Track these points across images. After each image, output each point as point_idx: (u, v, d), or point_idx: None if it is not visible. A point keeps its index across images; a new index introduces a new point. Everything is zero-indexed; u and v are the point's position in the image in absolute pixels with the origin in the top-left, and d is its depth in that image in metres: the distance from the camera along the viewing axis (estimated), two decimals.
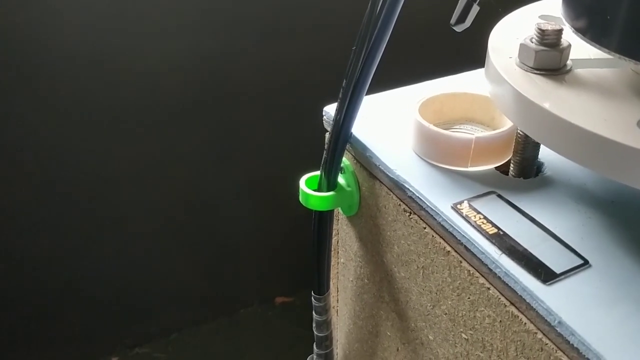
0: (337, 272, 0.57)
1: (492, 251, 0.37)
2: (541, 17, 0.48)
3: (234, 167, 1.13)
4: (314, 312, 0.57)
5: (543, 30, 0.40)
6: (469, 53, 0.66)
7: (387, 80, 0.53)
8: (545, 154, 0.45)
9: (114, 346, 1.18)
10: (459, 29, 0.44)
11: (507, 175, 0.45)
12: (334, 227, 0.54)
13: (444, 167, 0.44)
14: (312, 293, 0.56)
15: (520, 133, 0.43)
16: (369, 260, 0.51)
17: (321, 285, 0.55)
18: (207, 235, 1.17)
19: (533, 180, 0.44)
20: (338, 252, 0.56)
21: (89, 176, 1.01)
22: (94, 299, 1.11)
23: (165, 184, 1.08)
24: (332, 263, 0.56)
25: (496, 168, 0.45)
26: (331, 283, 0.56)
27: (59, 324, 1.11)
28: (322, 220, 0.51)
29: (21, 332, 1.09)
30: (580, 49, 0.42)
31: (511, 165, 0.45)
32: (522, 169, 0.44)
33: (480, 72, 0.57)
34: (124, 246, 1.10)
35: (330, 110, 0.52)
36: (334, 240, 0.56)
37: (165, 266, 1.16)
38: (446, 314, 0.42)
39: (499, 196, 0.42)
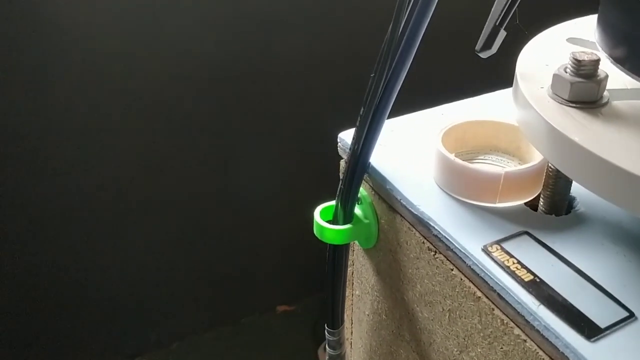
0: (352, 304, 0.55)
1: (529, 301, 0.35)
2: (569, 40, 0.45)
3: (236, 177, 1.11)
4: (327, 346, 0.54)
5: (579, 61, 0.37)
6: (490, 71, 0.64)
7: (404, 99, 0.50)
8: (576, 187, 0.42)
9: (114, 356, 1.16)
10: (484, 55, 0.42)
11: (536, 210, 0.43)
12: (349, 257, 0.51)
13: (470, 203, 0.42)
14: (326, 327, 0.53)
15: (552, 167, 0.41)
16: (388, 296, 0.48)
17: (335, 319, 0.52)
18: (208, 243, 1.15)
19: (565, 217, 0.41)
20: (353, 284, 0.53)
21: (87, 183, 0.99)
22: (94, 307, 1.10)
23: (166, 192, 1.06)
24: (347, 294, 0.54)
25: (525, 203, 0.42)
26: (345, 315, 0.54)
27: (58, 333, 1.09)
28: (338, 253, 0.49)
29: (18, 342, 1.06)
30: (615, 78, 0.39)
31: (541, 200, 0.42)
32: (553, 205, 0.42)
33: (502, 93, 0.54)
34: (124, 254, 1.08)
35: (345, 137, 0.49)
36: (348, 271, 0.53)
37: (166, 275, 1.14)
38: None
39: (531, 236, 0.39)
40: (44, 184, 0.96)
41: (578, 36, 0.46)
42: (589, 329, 0.33)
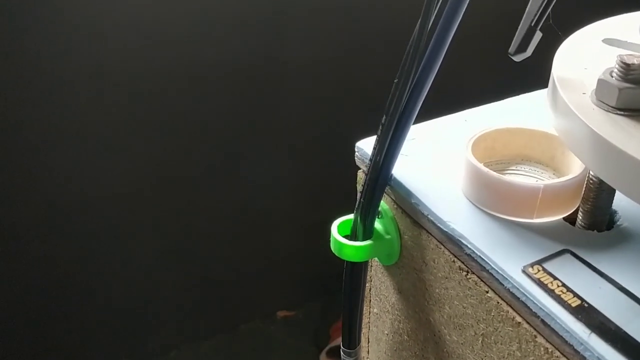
0: (369, 323, 0.51)
1: (578, 329, 0.32)
2: (605, 41, 0.42)
3: (237, 184, 1.08)
4: None
5: (628, 65, 0.34)
6: (513, 74, 0.61)
7: (426, 100, 0.47)
8: (617, 200, 0.39)
9: None
10: (518, 58, 0.39)
11: (574, 225, 0.39)
12: (367, 274, 0.48)
13: (504, 218, 0.39)
14: (342, 346, 0.50)
15: (594, 179, 0.38)
16: (411, 316, 0.45)
17: (352, 339, 0.49)
18: (206, 249, 1.12)
19: (608, 233, 0.38)
20: (370, 302, 0.50)
21: (86, 191, 0.95)
22: (90, 316, 1.06)
23: (165, 200, 1.03)
24: (364, 312, 0.51)
25: (563, 218, 0.39)
26: (362, 334, 0.51)
27: (54, 342, 1.05)
28: (356, 270, 0.45)
29: (15, 350, 1.03)
30: None
31: (580, 214, 0.39)
32: (594, 220, 0.39)
33: (527, 97, 0.51)
34: (121, 262, 1.05)
35: (364, 146, 0.46)
36: (366, 288, 0.50)
37: (163, 283, 1.11)
38: None
39: (574, 255, 0.36)
40: (42, 188, 0.93)
41: (613, 36, 0.43)
42: None
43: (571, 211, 0.39)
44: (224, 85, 0.97)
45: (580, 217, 0.39)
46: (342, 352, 0.50)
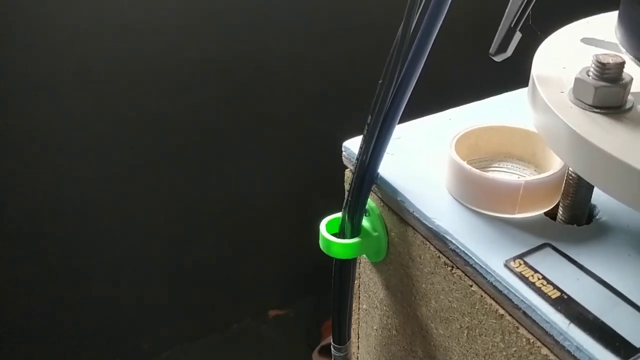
0: (358, 319, 0.52)
1: (558, 320, 0.33)
2: (584, 40, 0.43)
3: (228, 182, 1.08)
4: None
5: (603, 64, 0.35)
6: (496, 73, 0.62)
7: (410, 100, 0.48)
8: (596, 195, 0.40)
9: None
10: (498, 58, 0.40)
11: (555, 220, 0.41)
12: (356, 271, 0.49)
13: (486, 214, 0.40)
14: (332, 342, 0.51)
15: (573, 175, 0.39)
16: (399, 311, 0.46)
17: (342, 335, 0.50)
18: (196, 249, 1.13)
19: (587, 227, 0.39)
20: (359, 298, 0.51)
21: (74, 192, 0.96)
22: (82, 316, 1.07)
23: (154, 200, 1.03)
24: (353, 308, 0.52)
25: (544, 213, 0.40)
26: (351, 329, 0.52)
27: (45, 343, 1.05)
28: (345, 267, 0.46)
29: (4, 352, 1.03)
30: (638, 81, 0.37)
31: (560, 209, 0.40)
32: (573, 214, 0.40)
33: (510, 96, 0.52)
34: (112, 262, 1.05)
35: (350, 145, 0.47)
36: (354, 285, 0.51)
37: (155, 283, 1.11)
38: None
39: (554, 248, 0.37)
40: (30, 189, 0.93)
41: (591, 36, 0.44)
42: (625, 350, 0.31)
43: (552, 206, 0.40)
44: (211, 85, 0.97)
45: (561, 212, 0.40)
46: (332, 348, 0.51)
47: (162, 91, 0.95)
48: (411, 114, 0.50)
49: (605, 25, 0.44)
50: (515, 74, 0.53)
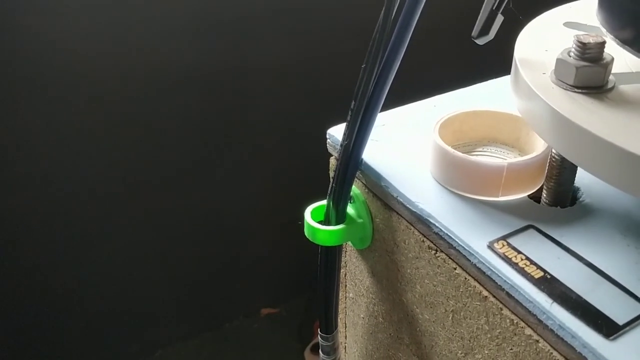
0: (345, 307, 0.52)
1: (541, 299, 0.33)
2: (566, 24, 0.43)
3: (218, 178, 1.08)
4: (321, 352, 0.52)
5: (584, 44, 0.35)
6: (481, 60, 0.62)
7: (392, 91, 0.48)
8: (579, 177, 0.40)
9: None
10: (481, 41, 0.40)
11: (539, 203, 0.41)
12: (342, 259, 0.49)
13: (471, 197, 0.40)
14: (319, 332, 0.51)
15: (556, 157, 0.39)
16: (385, 298, 0.46)
17: (329, 324, 0.50)
18: (188, 249, 1.12)
19: (571, 209, 0.39)
20: (346, 286, 0.51)
21: (66, 194, 0.95)
22: (74, 318, 1.06)
23: (150, 200, 1.03)
24: (340, 297, 0.51)
25: (528, 196, 0.40)
26: (338, 319, 0.51)
27: (38, 344, 1.05)
28: (330, 255, 0.46)
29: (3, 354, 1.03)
30: (619, 62, 0.37)
31: (544, 191, 0.40)
32: (557, 196, 0.40)
33: (495, 82, 0.52)
34: (104, 263, 1.05)
35: (335, 133, 0.47)
36: (341, 273, 0.50)
37: (147, 283, 1.11)
38: None
39: (538, 230, 0.37)
40: (21, 191, 0.92)
41: (574, 20, 0.44)
42: (607, 327, 0.31)
43: (536, 189, 0.40)
44: (191, 88, 0.97)
45: (545, 194, 0.40)
46: (319, 337, 0.51)
47: (142, 98, 0.95)
48: (396, 102, 0.50)
49: (587, 10, 0.44)
50: (501, 62, 0.53)
